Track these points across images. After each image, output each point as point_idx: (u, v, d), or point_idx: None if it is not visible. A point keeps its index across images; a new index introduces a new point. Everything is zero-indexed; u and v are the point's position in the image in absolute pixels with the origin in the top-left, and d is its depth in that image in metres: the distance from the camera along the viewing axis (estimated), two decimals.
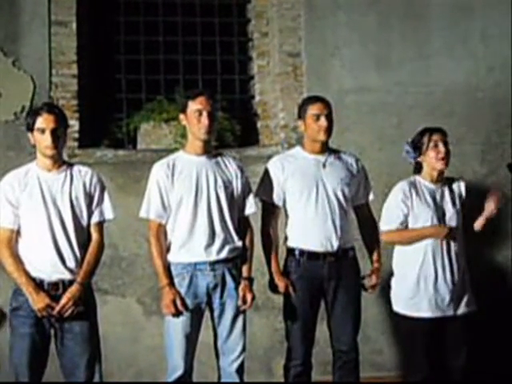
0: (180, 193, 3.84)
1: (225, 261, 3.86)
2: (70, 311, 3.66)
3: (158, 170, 3.90)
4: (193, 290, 3.83)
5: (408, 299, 4.07)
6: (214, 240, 3.85)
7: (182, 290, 3.81)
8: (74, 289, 3.67)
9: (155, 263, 3.86)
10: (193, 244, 3.84)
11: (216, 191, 3.87)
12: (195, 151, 3.91)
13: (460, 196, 4.15)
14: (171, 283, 3.82)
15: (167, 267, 3.85)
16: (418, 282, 4.04)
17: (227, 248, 3.87)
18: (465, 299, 4.08)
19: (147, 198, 3.90)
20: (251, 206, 4.00)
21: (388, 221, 4.10)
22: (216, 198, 3.86)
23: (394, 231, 4.08)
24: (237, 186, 3.95)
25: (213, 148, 4.08)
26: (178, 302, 3.78)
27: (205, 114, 3.84)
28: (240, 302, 3.88)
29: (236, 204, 3.94)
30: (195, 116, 3.85)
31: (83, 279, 3.70)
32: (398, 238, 4.11)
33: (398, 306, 4.12)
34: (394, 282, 4.17)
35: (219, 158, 3.97)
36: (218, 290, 3.86)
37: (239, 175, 3.97)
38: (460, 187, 4.17)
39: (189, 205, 3.84)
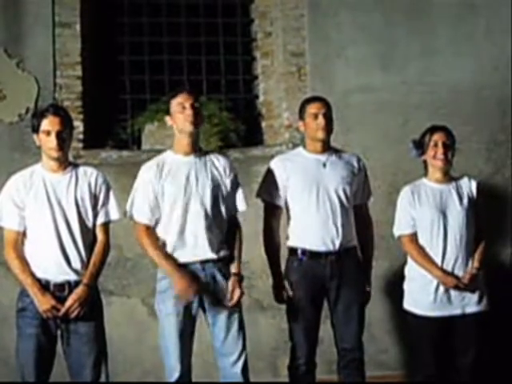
0: (169, 194, 3.81)
1: (215, 260, 3.83)
2: (75, 313, 3.65)
3: (147, 172, 3.87)
4: None
5: (415, 297, 4.09)
6: (204, 240, 3.80)
7: (172, 291, 3.76)
8: (79, 290, 3.66)
9: (154, 255, 3.80)
10: (183, 244, 3.80)
11: (205, 191, 3.83)
12: (183, 150, 3.88)
13: (471, 196, 4.13)
14: (176, 267, 3.75)
15: (168, 255, 3.79)
16: (425, 280, 4.04)
17: (217, 247, 3.83)
18: (475, 298, 4.06)
19: (136, 199, 3.85)
20: (241, 204, 3.94)
21: (397, 227, 4.16)
22: (206, 197, 3.82)
23: (407, 239, 4.11)
24: (225, 183, 3.91)
25: (200, 147, 3.99)
26: (194, 285, 3.73)
27: (187, 105, 3.83)
28: (228, 298, 3.82)
29: (225, 202, 3.89)
30: (178, 110, 3.84)
31: (89, 280, 3.69)
32: (408, 250, 4.12)
33: (406, 304, 4.14)
34: (405, 280, 4.19)
35: (207, 157, 3.93)
36: (209, 290, 3.81)
37: (227, 172, 3.92)
38: (471, 187, 4.16)
39: (179, 206, 3.80)
